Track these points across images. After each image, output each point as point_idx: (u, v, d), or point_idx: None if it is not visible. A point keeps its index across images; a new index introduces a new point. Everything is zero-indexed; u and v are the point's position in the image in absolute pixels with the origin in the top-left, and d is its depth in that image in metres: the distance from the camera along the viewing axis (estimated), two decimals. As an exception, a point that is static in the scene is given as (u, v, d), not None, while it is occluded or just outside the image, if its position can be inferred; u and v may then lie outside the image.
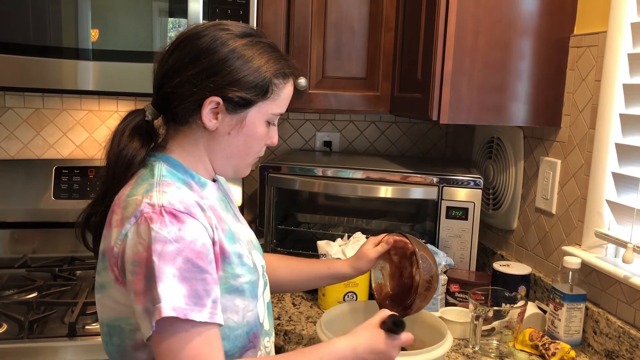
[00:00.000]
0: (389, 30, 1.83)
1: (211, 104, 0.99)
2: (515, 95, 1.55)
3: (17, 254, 1.91)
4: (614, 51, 1.34)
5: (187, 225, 0.92)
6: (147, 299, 0.88)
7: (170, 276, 0.88)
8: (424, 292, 1.22)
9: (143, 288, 0.89)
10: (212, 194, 1.07)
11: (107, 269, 0.97)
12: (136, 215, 0.92)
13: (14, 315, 1.44)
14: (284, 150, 2.24)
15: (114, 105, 2.08)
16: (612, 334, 1.33)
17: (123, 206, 0.95)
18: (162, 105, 1.04)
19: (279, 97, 1.05)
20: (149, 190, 0.95)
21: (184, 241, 0.90)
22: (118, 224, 0.94)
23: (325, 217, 2.03)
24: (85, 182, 1.96)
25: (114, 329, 0.99)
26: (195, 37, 1.00)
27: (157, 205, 0.92)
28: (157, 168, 1.00)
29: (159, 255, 0.88)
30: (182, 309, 0.87)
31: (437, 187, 1.68)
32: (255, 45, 1.02)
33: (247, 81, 1.00)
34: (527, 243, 1.74)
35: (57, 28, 1.61)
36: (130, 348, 0.98)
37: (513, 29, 1.51)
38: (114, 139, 1.02)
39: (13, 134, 2.02)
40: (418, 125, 2.32)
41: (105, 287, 0.98)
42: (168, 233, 0.89)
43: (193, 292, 0.89)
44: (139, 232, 0.90)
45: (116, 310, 0.98)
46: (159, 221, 0.90)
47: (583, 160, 1.48)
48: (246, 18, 1.67)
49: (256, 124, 1.04)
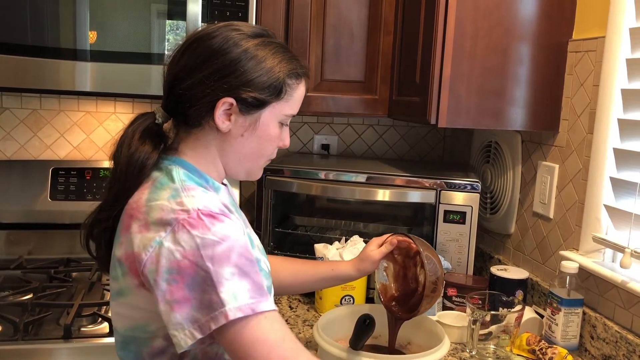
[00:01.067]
0: (387, 34, 1.83)
1: (224, 105, 0.97)
2: (514, 99, 1.55)
3: (12, 255, 1.90)
4: (612, 56, 1.35)
5: (227, 224, 0.91)
6: (195, 307, 0.86)
7: (230, 276, 0.86)
8: (430, 294, 1.21)
9: (186, 296, 0.86)
10: (225, 199, 1.05)
11: (126, 275, 0.93)
12: (171, 223, 0.89)
13: (8, 317, 1.43)
14: (281, 153, 2.24)
15: (112, 107, 2.07)
16: (609, 339, 1.33)
17: (145, 211, 0.92)
18: (174, 107, 1.01)
19: (292, 97, 1.04)
20: (176, 196, 0.92)
21: (230, 239, 0.89)
22: (142, 230, 0.91)
23: (322, 220, 2.03)
24: (82, 183, 1.96)
25: (130, 339, 0.97)
26: (206, 38, 0.99)
27: (192, 210, 0.90)
28: (175, 172, 0.98)
29: (211, 259, 0.86)
30: (248, 306, 0.86)
31: (434, 191, 1.68)
32: (268, 45, 1.01)
33: (261, 81, 0.98)
34: (525, 247, 1.74)
35: (55, 29, 1.60)
36: (147, 355, 0.96)
37: (512, 33, 1.52)
38: (124, 142, 0.99)
39: (10, 135, 2.01)
40: (416, 129, 2.32)
41: (123, 293, 0.95)
42: (214, 234, 0.88)
43: (255, 284, 0.89)
44: (177, 240, 0.88)
45: (133, 318, 0.96)
46: (200, 226, 0.88)
47: (581, 165, 1.48)
48: (245, 20, 1.66)
49: (269, 125, 1.03)
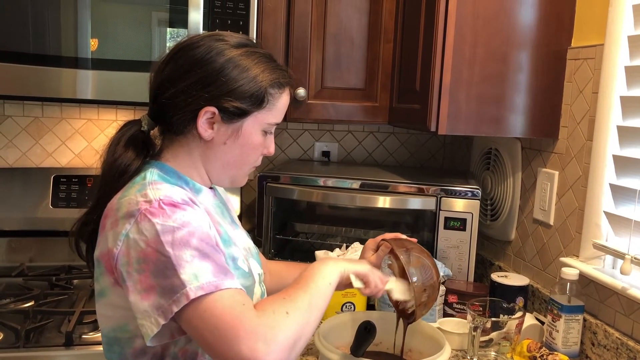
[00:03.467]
0: (387, 42, 1.84)
1: (206, 114, 0.99)
2: (513, 106, 1.55)
3: (14, 263, 1.91)
4: (611, 64, 1.35)
5: (189, 212, 0.92)
6: (159, 294, 0.87)
7: (190, 258, 0.87)
8: (422, 302, 1.21)
9: (151, 284, 0.88)
10: (208, 200, 1.07)
11: (104, 274, 0.96)
12: (134, 214, 0.91)
13: (10, 324, 1.44)
14: (282, 160, 2.25)
15: (113, 115, 2.08)
16: (610, 345, 1.33)
17: (116, 208, 0.95)
18: (158, 115, 1.04)
19: (275, 107, 1.05)
20: (142, 189, 0.95)
21: (191, 225, 0.90)
22: (112, 226, 0.94)
23: (323, 227, 2.03)
24: (84, 190, 1.96)
25: (113, 340, 0.99)
26: (190, 48, 1.01)
27: (154, 200, 0.92)
28: (150, 173, 1.00)
29: (171, 244, 0.87)
30: (211, 283, 0.86)
31: (435, 198, 1.68)
32: (251, 55, 1.02)
33: (243, 91, 1.00)
34: (525, 254, 1.74)
35: (57, 37, 1.61)
36: (131, 356, 0.98)
37: (511, 41, 1.52)
38: (109, 149, 1.03)
39: (12, 142, 2.02)
40: (416, 136, 2.33)
41: (104, 293, 0.98)
42: (174, 221, 0.89)
43: (217, 265, 0.89)
44: (140, 230, 0.90)
45: (114, 318, 0.98)
46: (160, 214, 0.90)
47: (581, 172, 1.49)
48: (246, 29, 1.67)
49: (252, 134, 1.04)
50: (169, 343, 0.96)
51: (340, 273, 1.05)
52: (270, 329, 0.86)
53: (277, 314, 0.89)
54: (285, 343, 0.86)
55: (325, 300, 0.99)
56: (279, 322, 0.87)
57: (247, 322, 0.85)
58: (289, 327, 0.88)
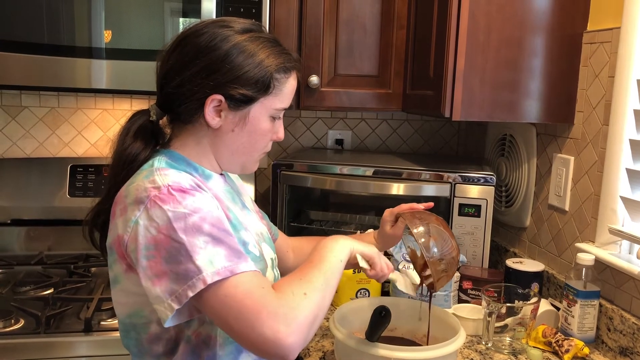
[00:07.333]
0: (400, 28, 1.83)
1: (213, 102, 0.99)
2: (528, 92, 1.54)
3: (33, 251, 1.94)
4: (628, 47, 1.34)
5: (198, 197, 0.93)
6: (172, 279, 0.88)
7: (204, 244, 0.88)
8: (440, 274, 1.22)
9: (163, 270, 0.89)
10: (218, 186, 1.08)
11: (116, 261, 0.97)
12: (143, 201, 0.92)
13: (31, 311, 1.47)
14: (296, 148, 2.25)
15: (128, 104, 2.09)
16: (626, 330, 1.32)
17: (124, 195, 0.96)
18: (166, 105, 1.04)
19: (282, 92, 1.04)
20: (149, 175, 0.95)
21: (202, 210, 0.91)
22: (122, 213, 0.94)
23: (337, 214, 2.04)
24: (100, 180, 1.98)
25: (129, 326, 1.01)
26: (194, 36, 1.00)
27: (163, 186, 0.92)
28: (158, 160, 1.01)
29: (184, 230, 0.88)
30: (226, 268, 0.88)
31: (449, 185, 1.68)
32: (256, 40, 1.01)
33: (248, 77, 0.99)
34: (540, 240, 1.74)
35: (71, 28, 1.63)
36: (146, 342, 1.00)
37: (525, 25, 1.51)
38: (119, 139, 1.05)
39: (29, 133, 2.04)
40: (430, 123, 2.32)
41: (117, 280, 0.99)
42: (185, 207, 0.90)
43: (231, 249, 0.90)
44: (150, 216, 0.90)
45: (128, 304, 0.99)
46: (170, 200, 0.91)
47: (596, 157, 1.47)
48: (259, 16, 1.68)
49: (260, 120, 1.04)
50: (182, 327, 0.97)
51: (350, 250, 1.07)
52: (291, 310, 0.87)
53: (296, 294, 0.90)
54: (304, 323, 0.88)
55: (337, 277, 1.01)
56: (299, 304, 0.89)
57: (268, 305, 0.86)
58: (307, 307, 0.89)
